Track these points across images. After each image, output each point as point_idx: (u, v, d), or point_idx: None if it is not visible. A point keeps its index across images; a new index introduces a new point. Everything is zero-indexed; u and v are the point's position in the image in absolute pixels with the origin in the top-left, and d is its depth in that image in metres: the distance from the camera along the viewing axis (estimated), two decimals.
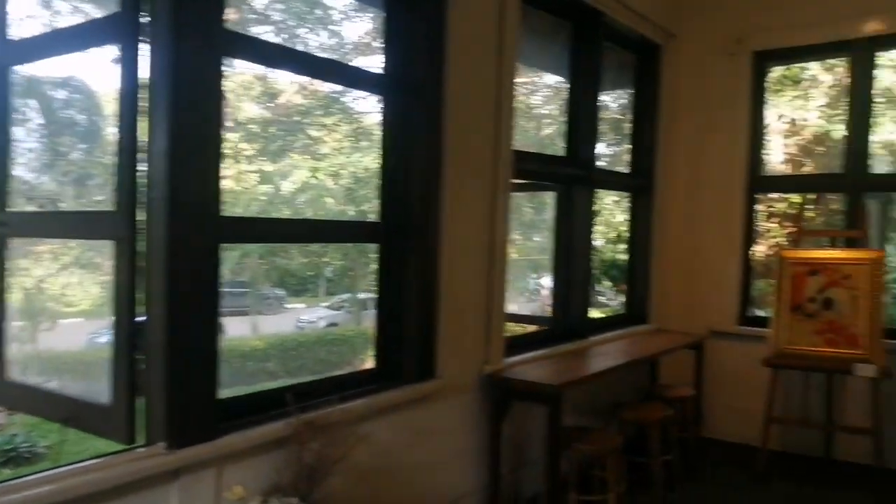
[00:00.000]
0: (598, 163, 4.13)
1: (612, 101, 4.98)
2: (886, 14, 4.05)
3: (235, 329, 6.44)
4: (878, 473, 3.71)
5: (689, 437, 4.06)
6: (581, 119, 3.93)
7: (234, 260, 6.10)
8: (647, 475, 3.55)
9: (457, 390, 3.01)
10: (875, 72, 4.27)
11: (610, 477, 3.14)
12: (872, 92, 4.26)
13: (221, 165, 2.08)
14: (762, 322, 4.42)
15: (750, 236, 4.67)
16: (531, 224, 5.55)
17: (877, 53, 4.24)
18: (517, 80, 3.29)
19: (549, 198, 4.16)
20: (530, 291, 6.43)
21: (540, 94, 5.03)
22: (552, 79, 4.65)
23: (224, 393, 2.18)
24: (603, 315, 5.04)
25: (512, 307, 5.42)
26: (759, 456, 3.96)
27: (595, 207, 4.14)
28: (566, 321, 3.94)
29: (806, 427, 4.22)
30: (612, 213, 6.20)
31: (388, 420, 2.69)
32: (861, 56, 4.21)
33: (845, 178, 4.30)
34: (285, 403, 2.21)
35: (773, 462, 4.13)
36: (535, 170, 3.69)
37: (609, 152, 5.32)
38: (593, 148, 3.98)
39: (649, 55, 4.59)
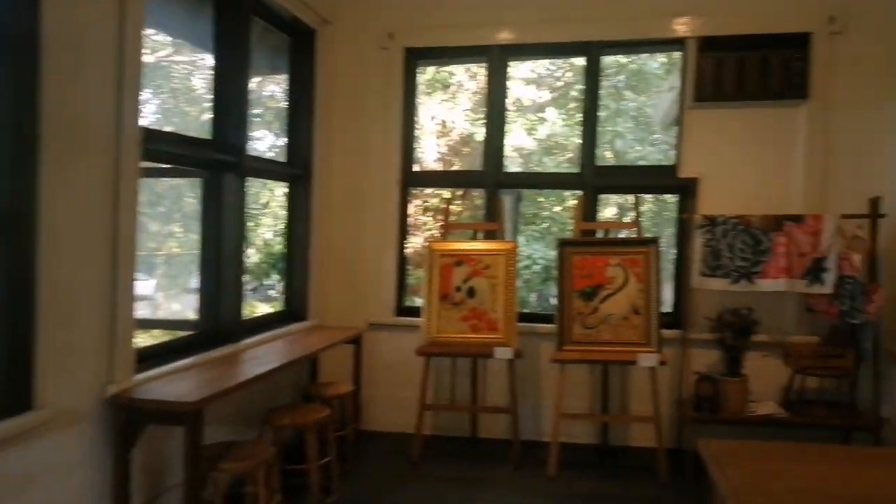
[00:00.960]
0: (257, 151, 3.79)
1: (277, 87, 4.67)
2: (517, 25, 4.46)
3: None
4: (516, 445, 4.06)
5: (348, 434, 3.98)
6: (230, 101, 3.56)
7: None
8: (306, 482, 3.35)
9: (69, 421, 2.42)
10: (509, 81, 4.69)
11: (261, 493, 2.85)
12: (506, 98, 4.67)
13: None
14: (419, 312, 4.56)
15: (405, 229, 4.79)
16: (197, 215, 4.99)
17: (509, 62, 4.65)
18: (169, 55, 2.78)
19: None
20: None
21: (202, 76, 4.50)
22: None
23: None
24: (272, 311, 4.73)
25: (176, 309, 4.82)
26: (415, 443, 4.05)
27: (264, 199, 3.80)
28: (216, 324, 3.54)
29: (455, 410, 4.47)
30: (283, 204, 5.94)
31: None
32: (496, 63, 4.57)
33: (485, 175, 4.64)
34: None
35: (428, 447, 4.28)
36: (172, 152, 3.21)
37: (274, 141, 5.01)
38: (244, 133, 3.63)
39: (305, 40, 4.40)
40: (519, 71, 5.34)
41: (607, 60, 4.73)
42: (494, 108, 4.62)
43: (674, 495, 3.68)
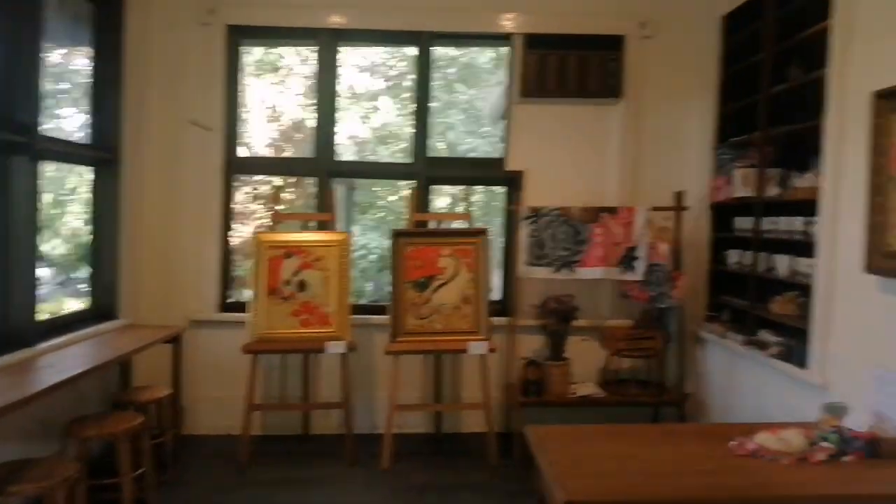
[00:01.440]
0: (62, 132, 3.35)
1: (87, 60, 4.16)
2: (348, 9, 4.33)
3: None
4: (350, 440, 3.97)
5: (166, 441, 3.68)
6: (16, 72, 3.11)
7: None
8: (118, 496, 3.05)
9: None
10: (340, 67, 4.56)
11: None
12: (337, 84, 4.54)
13: None
14: (245, 307, 4.32)
15: (229, 218, 4.52)
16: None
17: (339, 47, 4.52)
18: None
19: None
20: None
21: None
22: None
23: None
24: (77, 309, 4.24)
25: None
26: (242, 446, 3.84)
27: (71, 184, 3.37)
28: (3, 327, 3.10)
29: (285, 410, 4.29)
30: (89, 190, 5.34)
31: None
32: (326, 47, 4.42)
33: (317, 163, 4.49)
34: None
35: (258, 449, 4.09)
36: None
37: (80, 120, 4.48)
38: (36, 110, 3.21)
39: (111, 9, 3.97)
40: (352, 57, 5.21)
41: (440, 52, 4.75)
42: (325, 94, 4.47)
43: (504, 479, 3.79)
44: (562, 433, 2.52)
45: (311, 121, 4.55)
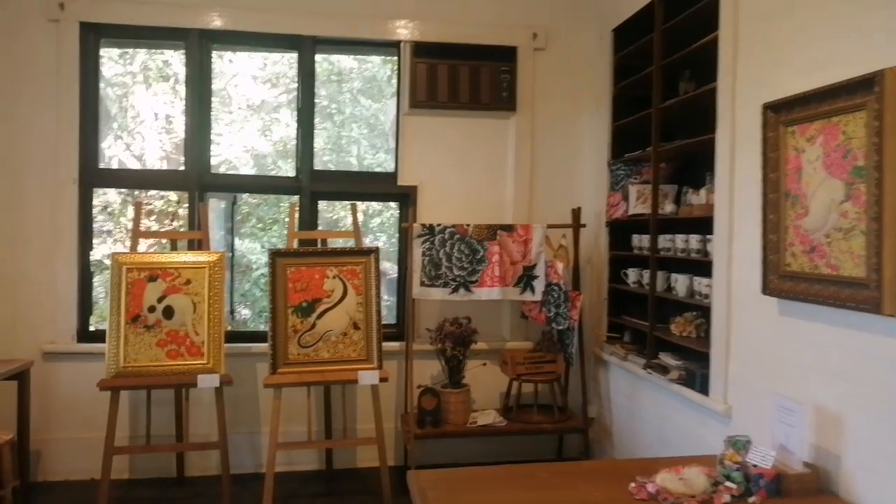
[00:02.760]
0: None
1: None
2: (221, 8, 3.96)
3: None
4: (226, 484, 3.56)
5: (5, 496, 3.17)
6: None
7: None
8: None
9: None
10: (215, 72, 4.18)
11: None
12: (212, 91, 4.15)
13: None
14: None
15: (89, 236, 4.02)
16: None
17: (214, 50, 4.14)
18: None
19: None
20: None
21: None
22: None
23: None
24: None
25: None
26: (101, 492, 3.37)
27: None
28: None
29: (152, 451, 3.82)
30: None
31: None
32: (197, 50, 4.03)
33: (188, 176, 4.07)
34: None
35: (124, 495, 3.68)
36: None
37: None
38: None
39: None
40: (248, 67, 4.82)
41: (345, 64, 4.48)
42: (197, 100, 4.06)
43: None
44: (447, 478, 2.26)
45: (182, 130, 4.12)
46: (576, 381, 4.15)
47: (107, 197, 4.69)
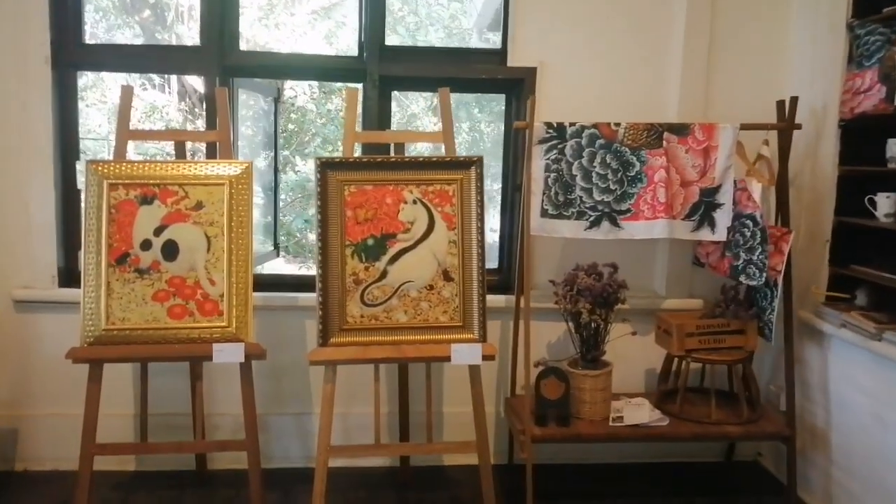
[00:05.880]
0: None
1: None
2: None
3: None
4: (256, 489, 2.45)
5: None
6: None
7: None
8: None
9: None
10: None
11: None
12: None
13: None
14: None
15: (73, 141, 2.87)
16: None
17: None
18: None
19: None
20: None
21: None
22: None
23: None
24: None
25: None
26: (79, 495, 2.35)
27: None
28: None
29: (149, 452, 2.74)
30: None
31: None
32: None
33: (205, 54, 2.81)
34: None
35: (120, 496, 2.70)
36: None
37: None
38: None
39: None
40: None
41: None
42: None
43: None
44: None
45: None
46: (764, 360, 2.80)
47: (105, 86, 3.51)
